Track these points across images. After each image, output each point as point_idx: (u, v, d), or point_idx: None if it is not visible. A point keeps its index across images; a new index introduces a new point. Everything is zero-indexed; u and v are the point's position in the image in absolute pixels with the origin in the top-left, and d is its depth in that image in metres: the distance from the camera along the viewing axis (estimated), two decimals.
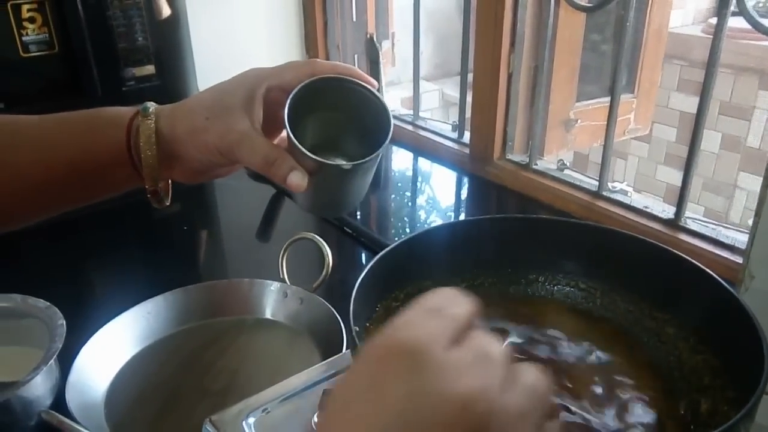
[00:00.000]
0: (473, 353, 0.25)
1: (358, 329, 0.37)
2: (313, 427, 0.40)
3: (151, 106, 0.46)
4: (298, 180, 0.42)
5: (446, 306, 0.26)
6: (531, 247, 0.48)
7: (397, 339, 0.25)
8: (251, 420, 0.40)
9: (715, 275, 0.40)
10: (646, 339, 0.43)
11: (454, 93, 2.34)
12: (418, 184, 1.15)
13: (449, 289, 0.28)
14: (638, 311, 0.45)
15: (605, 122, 0.93)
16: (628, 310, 0.45)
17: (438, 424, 0.22)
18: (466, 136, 1.14)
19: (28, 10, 1.07)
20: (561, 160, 1.03)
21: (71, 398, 0.54)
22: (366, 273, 0.41)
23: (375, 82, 0.45)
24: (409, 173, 1.20)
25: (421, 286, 0.48)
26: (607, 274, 0.46)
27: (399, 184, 1.16)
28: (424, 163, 1.19)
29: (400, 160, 1.24)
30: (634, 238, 0.46)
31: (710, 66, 0.78)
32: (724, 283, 0.39)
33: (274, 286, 0.71)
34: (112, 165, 0.46)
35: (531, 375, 0.25)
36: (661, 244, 0.45)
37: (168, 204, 0.49)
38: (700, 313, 0.41)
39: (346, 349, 0.57)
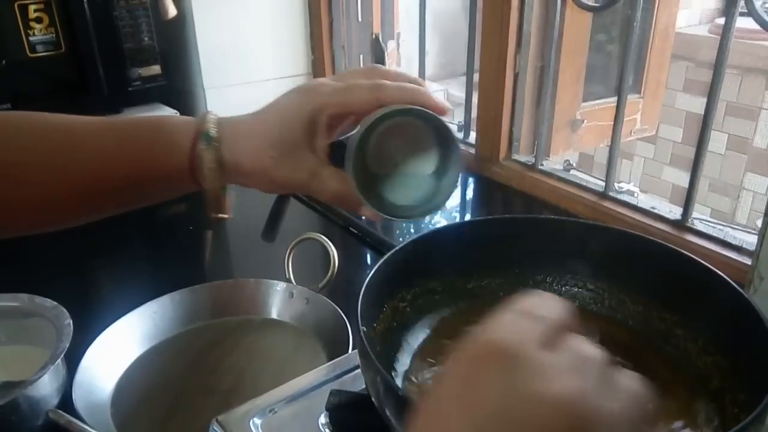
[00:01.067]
0: (569, 356, 0.24)
1: (365, 329, 0.37)
2: (320, 428, 0.40)
3: (210, 128, 0.44)
4: (371, 213, 0.41)
5: (540, 308, 0.26)
6: (539, 247, 0.48)
7: (492, 340, 0.25)
8: (258, 420, 0.40)
9: (725, 276, 0.40)
10: (655, 340, 0.43)
11: (459, 93, 2.34)
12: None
13: (542, 291, 0.28)
14: (647, 312, 0.44)
15: (611, 122, 0.92)
16: (636, 311, 0.45)
17: (534, 425, 0.22)
18: (472, 136, 1.14)
19: (35, 11, 1.08)
20: (567, 160, 1.03)
21: (78, 397, 0.55)
22: (374, 273, 0.41)
23: (447, 107, 0.41)
24: None
25: (428, 286, 0.48)
26: (615, 275, 0.46)
27: None
28: None
29: None
30: (642, 238, 0.45)
31: (718, 66, 0.77)
32: (734, 285, 0.39)
33: (280, 286, 0.71)
34: (173, 180, 0.45)
35: (630, 381, 0.25)
36: (670, 245, 0.44)
37: (229, 217, 0.49)
38: (709, 314, 0.40)
39: (353, 349, 0.57)
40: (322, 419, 0.40)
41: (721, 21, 0.78)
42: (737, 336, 0.38)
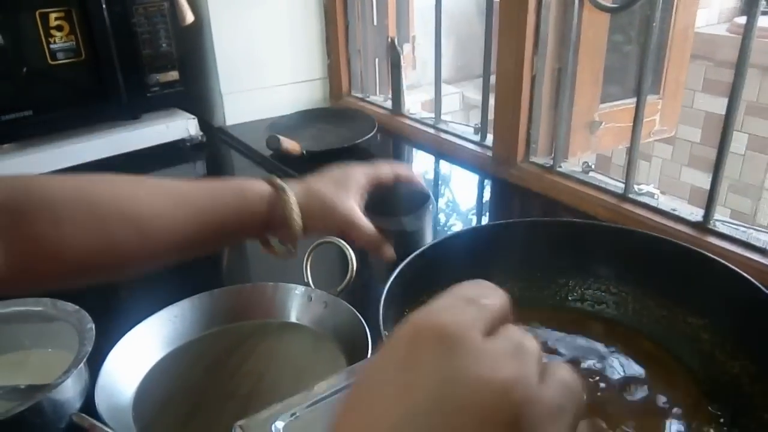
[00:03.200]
0: (509, 343, 0.24)
1: (387, 333, 0.37)
2: None
3: (284, 183, 0.57)
4: (391, 254, 0.55)
5: (482, 296, 0.26)
6: (561, 250, 0.47)
7: (433, 322, 0.24)
8: (280, 425, 0.40)
9: (751, 278, 0.39)
10: (681, 345, 0.42)
11: (474, 96, 2.33)
12: (440, 187, 1.15)
13: (483, 280, 0.27)
14: (671, 316, 0.44)
15: (630, 124, 0.91)
16: (661, 315, 0.44)
17: (474, 410, 0.22)
18: (489, 139, 1.14)
19: (56, 19, 1.09)
20: (586, 162, 1.02)
21: (100, 401, 0.55)
22: (395, 277, 0.41)
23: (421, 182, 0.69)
24: (431, 176, 1.19)
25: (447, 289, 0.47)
26: (638, 278, 0.45)
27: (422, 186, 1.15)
28: (445, 166, 1.18)
29: (422, 163, 1.24)
30: (665, 240, 0.45)
31: (740, 66, 0.76)
32: (761, 286, 0.38)
33: (299, 290, 0.71)
34: (249, 229, 0.58)
35: (565, 372, 0.25)
36: (694, 247, 0.44)
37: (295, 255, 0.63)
38: (736, 317, 0.40)
39: (372, 353, 0.57)
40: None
41: (741, 20, 0.77)
42: (765, 339, 0.37)
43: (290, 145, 1.13)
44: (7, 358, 0.62)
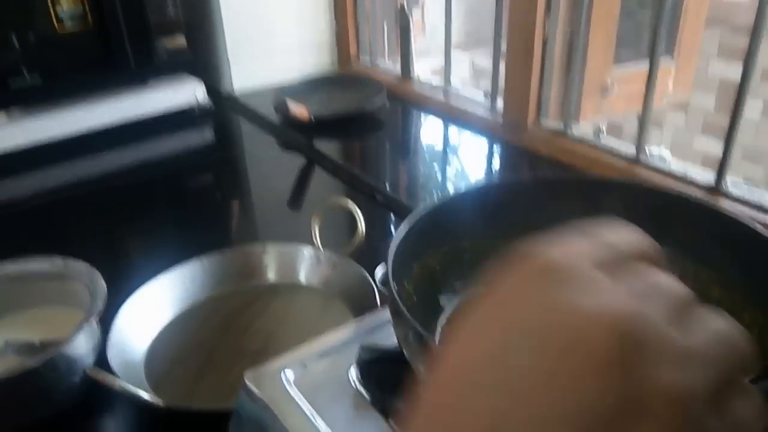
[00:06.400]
0: (637, 280, 0.20)
1: (396, 286, 0.37)
2: (350, 380, 0.40)
3: None
4: None
5: (611, 235, 0.22)
6: (571, 208, 0.47)
7: (540, 257, 0.21)
8: (290, 374, 0.41)
9: (760, 230, 0.39)
10: None
11: (485, 63, 2.30)
12: (449, 152, 1.14)
13: (612, 220, 0.23)
14: (681, 272, 0.44)
15: (643, 88, 0.90)
16: (670, 269, 0.44)
17: (577, 346, 0.18)
18: (499, 103, 1.12)
19: None
20: (597, 125, 1.01)
21: (113, 357, 0.56)
22: (404, 231, 0.41)
23: None
24: (440, 141, 1.18)
25: (457, 246, 0.47)
26: (647, 232, 0.45)
27: (429, 153, 1.15)
28: (455, 132, 1.17)
29: (431, 128, 1.23)
30: (676, 196, 0.44)
31: (756, 30, 0.75)
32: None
33: (307, 251, 0.72)
34: None
35: (721, 321, 0.20)
36: (706, 202, 0.43)
37: None
38: (747, 270, 0.39)
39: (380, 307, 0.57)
40: (353, 373, 0.40)
41: None
42: None
43: (298, 110, 1.12)
44: (21, 315, 0.62)
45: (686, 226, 0.42)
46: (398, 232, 0.41)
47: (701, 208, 0.43)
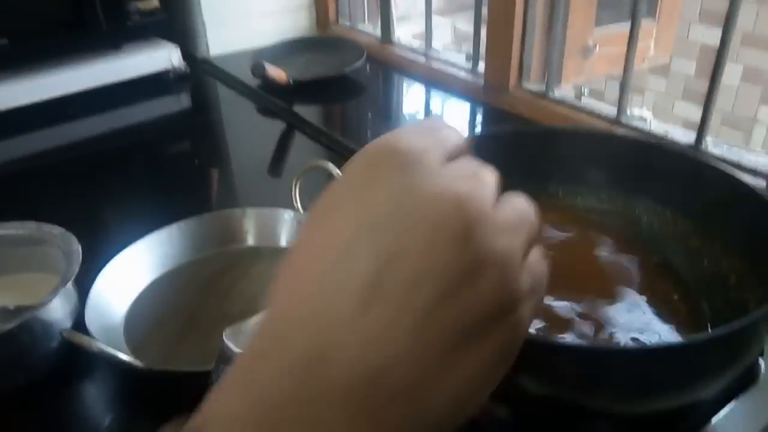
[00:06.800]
0: (466, 168, 0.24)
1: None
2: None
3: None
4: None
5: (439, 128, 0.26)
6: (551, 160, 0.46)
7: (391, 144, 0.24)
8: None
9: (741, 177, 0.39)
10: (670, 249, 0.42)
11: (466, 27, 2.27)
12: (431, 115, 1.13)
13: (438, 118, 0.27)
14: (662, 222, 0.44)
15: (624, 49, 0.89)
16: (651, 220, 0.44)
17: (427, 223, 0.22)
18: (481, 66, 1.11)
19: None
20: (579, 87, 1.00)
21: (90, 320, 0.55)
22: None
23: None
24: (422, 105, 1.17)
25: None
26: (630, 186, 0.45)
27: (411, 117, 1.14)
28: (436, 95, 1.16)
29: (412, 93, 1.21)
30: (656, 146, 0.44)
31: None
32: (748, 182, 0.38)
33: (288, 214, 0.71)
34: None
35: (520, 200, 0.25)
36: (686, 152, 0.43)
37: None
38: (726, 218, 0.40)
39: None
40: None
41: None
42: (755, 236, 0.37)
43: (276, 73, 1.10)
44: None
45: (666, 176, 0.42)
46: None
47: (681, 158, 0.43)
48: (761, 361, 0.42)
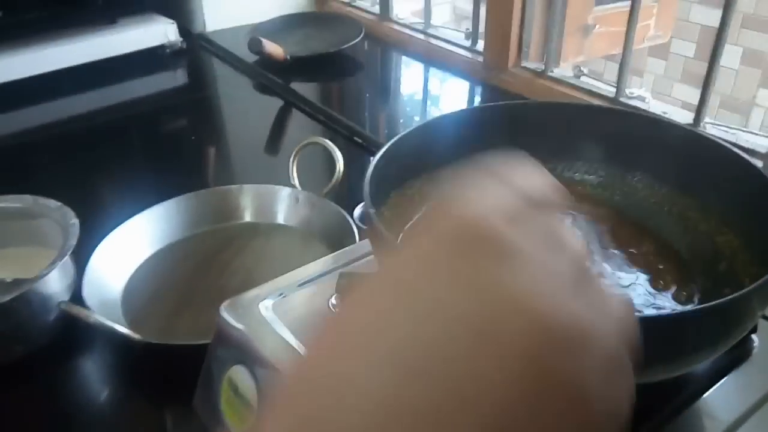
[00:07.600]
0: (543, 235, 0.19)
1: (374, 211, 0.37)
2: (330, 308, 0.40)
3: None
4: None
5: (517, 175, 0.21)
6: (549, 134, 0.46)
7: (457, 213, 0.19)
8: (268, 302, 0.40)
9: (739, 152, 0.39)
10: (667, 224, 0.43)
11: (466, 6, 2.25)
12: (429, 93, 1.12)
13: (526, 156, 0.21)
14: (659, 196, 0.44)
15: (624, 28, 0.89)
16: (647, 195, 0.44)
17: (492, 330, 0.17)
18: (480, 44, 1.10)
19: None
20: (578, 66, 0.99)
21: (88, 294, 0.55)
22: (381, 155, 0.40)
23: None
24: (420, 82, 1.16)
25: (433, 174, 0.47)
26: (626, 159, 0.45)
27: (409, 94, 1.13)
28: (435, 73, 1.15)
29: (411, 70, 1.20)
30: (656, 121, 0.44)
31: None
32: (747, 158, 0.38)
33: (285, 191, 0.71)
34: None
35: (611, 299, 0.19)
36: (684, 126, 0.43)
37: None
38: (723, 195, 0.40)
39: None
40: (333, 300, 0.40)
41: None
42: (751, 212, 0.37)
43: (273, 48, 1.09)
44: None
45: (665, 152, 0.42)
46: (377, 156, 0.40)
47: (680, 133, 0.43)
48: (754, 337, 0.42)
